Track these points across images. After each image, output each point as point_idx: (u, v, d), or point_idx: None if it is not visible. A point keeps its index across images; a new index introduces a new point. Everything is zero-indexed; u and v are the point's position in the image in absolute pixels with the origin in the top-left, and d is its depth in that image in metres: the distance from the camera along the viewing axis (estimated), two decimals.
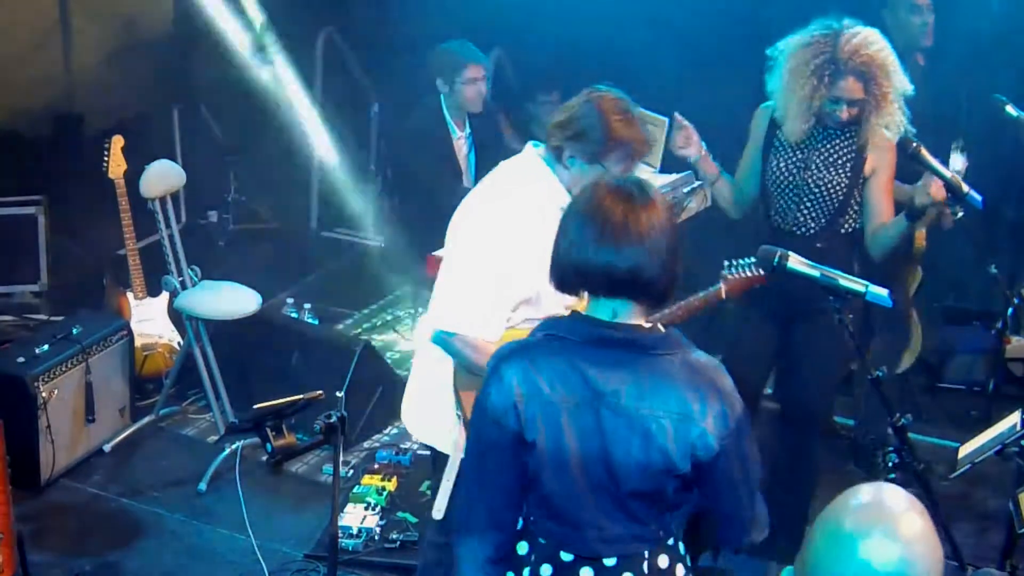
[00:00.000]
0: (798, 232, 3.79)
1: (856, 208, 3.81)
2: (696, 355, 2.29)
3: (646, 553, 2.33)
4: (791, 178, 3.76)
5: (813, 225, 3.81)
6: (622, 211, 2.22)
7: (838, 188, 3.76)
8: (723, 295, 3.48)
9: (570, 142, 3.05)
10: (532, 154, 3.20)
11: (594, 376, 2.25)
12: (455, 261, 3.14)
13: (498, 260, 3.00)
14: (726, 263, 3.47)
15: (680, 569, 2.39)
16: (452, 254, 3.17)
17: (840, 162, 3.75)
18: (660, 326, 2.32)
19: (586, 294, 2.34)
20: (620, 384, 2.24)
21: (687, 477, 2.26)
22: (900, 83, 3.64)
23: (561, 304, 2.91)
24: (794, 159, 3.77)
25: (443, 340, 3.06)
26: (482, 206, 3.17)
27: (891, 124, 3.66)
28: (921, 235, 4.65)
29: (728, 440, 2.24)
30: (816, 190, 3.76)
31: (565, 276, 2.31)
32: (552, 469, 2.29)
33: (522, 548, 2.40)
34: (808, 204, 3.77)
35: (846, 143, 3.76)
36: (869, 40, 3.60)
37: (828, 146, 3.75)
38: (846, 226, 3.83)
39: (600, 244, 2.22)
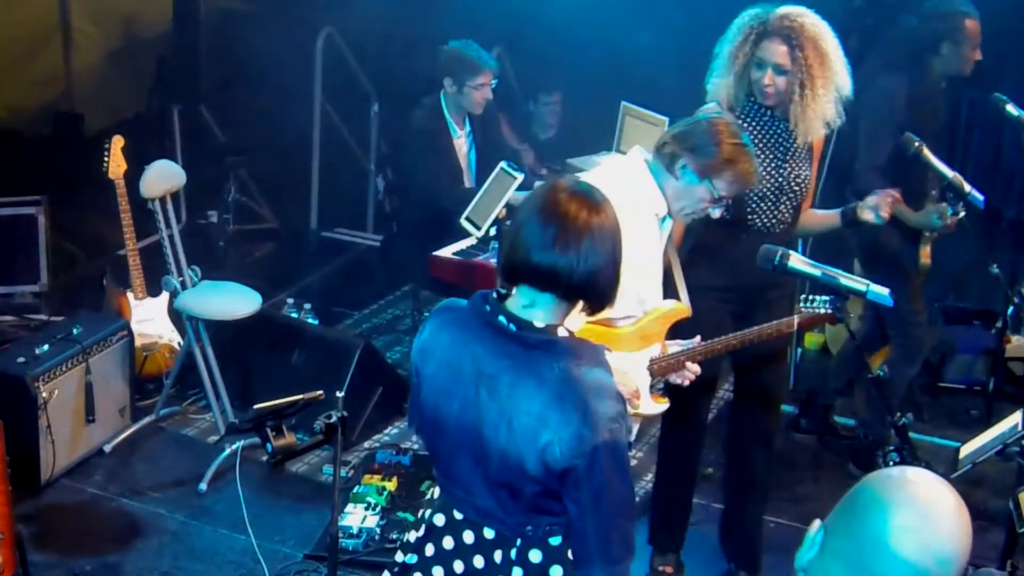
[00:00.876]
0: (777, 231, 3.74)
1: None
2: (586, 372, 2.25)
3: (518, 541, 2.36)
4: (770, 180, 3.71)
5: (789, 220, 3.79)
6: (581, 214, 2.24)
7: (806, 181, 3.76)
8: (794, 326, 3.49)
9: (686, 152, 3.18)
10: (638, 159, 3.27)
11: (481, 355, 2.31)
12: None
13: None
14: (802, 298, 3.46)
15: (557, 570, 2.37)
16: None
17: (803, 155, 3.73)
18: (564, 331, 2.32)
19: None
20: (500, 370, 2.28)
21: (545, 484, 2.25)
22: (838, 75, 3.57)
23: (634, 303, 3.12)
24: (769, 160, 3.71)
25: None
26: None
27: (825, 116, 3.61)
28: (926, 252, 4.65)
29: (579, 462, 2.20)
30: (795, 187, 3.73)
31: (511, 270, 2.31)
32: (432, 426, 2.40)
33: (436, 491, 2.52)
34: (786, 202, 3.74)
35: (799, 136, 3.72)
36: (802, 13, 3.58)
37: (790, 143, 3.70)
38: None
39: (554, 245, 2.23)
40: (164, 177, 5.05)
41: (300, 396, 3.67)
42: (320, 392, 3.73)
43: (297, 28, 7.23)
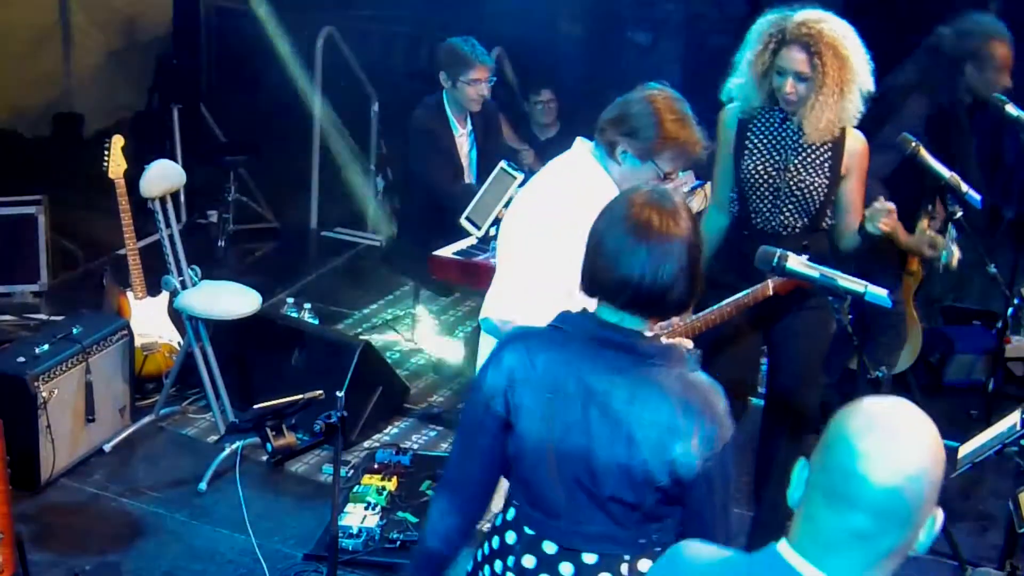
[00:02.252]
0: (784, 233, 3.74)
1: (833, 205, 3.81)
2: (695, 374, 2.27)
3: (627, 556, 2.31)
4: (769, 180, 3.71)
5: (798, 225, 3.77)
6: (659, 223, 2.22)
7: (818, 190, 3.72)
8: (770, 291, 3.49)
9: (624, 138, 3.11)
10: (582, 149, 3.24)
11: (589, 373, 2.26)
12: (508, 254, 3.19)
13: (550, 252, 3.03)
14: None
15: None
16: (505, 247, 3.21)
17: (818, 163, 3.70)
18: (663, 339, 2.33)
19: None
20: (612, 386, 2.24)
21: (668, 491, 2.24)
22: (859, 76, 3.58)
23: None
24: (771, 161, 3.71)
25: (495, 329, 3.11)
26: (534, 200, 3.20)
27: (845, 116, 3.61)
28: (915, 261, 4.65)
29: (712, 462, 2.21)
30: (797, 192, 3.71)
31: (594, 282, 2.30)
32: (531, 456, 2.31)
33: (510, 537, 2.40)
34: (790, 206, 3.72)
35: (823, 144, 3.71)
36: (821, 18, 3.58)
37: (806, 148, 3.70)
38: (827, 221, 3.82)
39: (635, 256, 2.22)
40: (164, 177, 5.05)
41: (300, 396, 3.67)
42: (320, 392, 3.73)
43: (297, 28, 7.24)
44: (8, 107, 6.87)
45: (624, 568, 2.31)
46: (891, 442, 1.65)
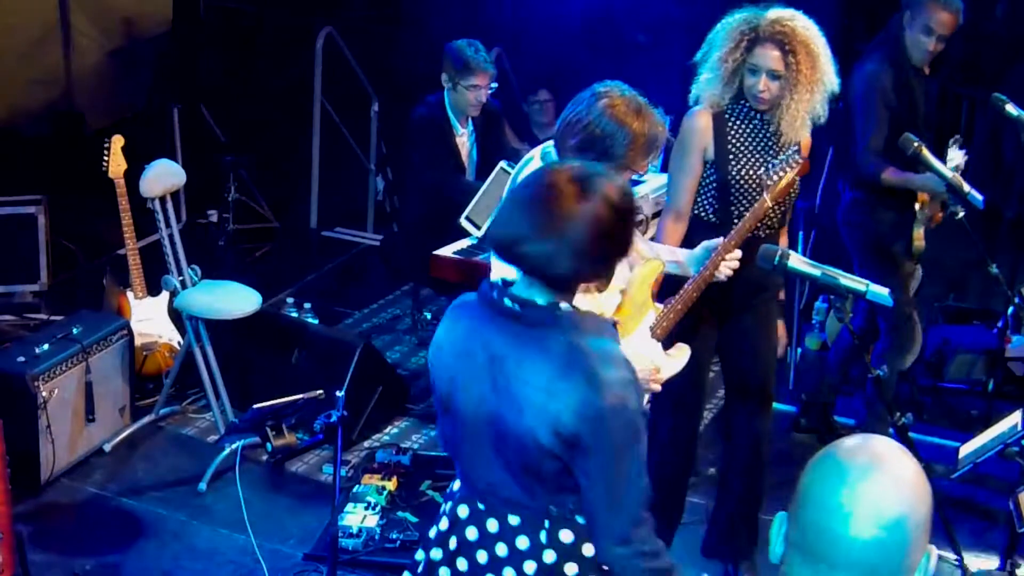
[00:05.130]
0: (763, 235, 3.70)
1: None
2: (591, 342, 2.25)
3: (546, 523, 2.34)
4: (757, 183, 3.67)
5: (775, 224, 3.78)
6: (568, 196, 2.22)
7: (796, 188, 3.73)
8: (768, 204, 3.49)
9: (598, 159, 3.02)
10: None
11: (491, 340, 2.31)
12: None
13: None
14: (766, 172, 3.50)
15: (588, 548, 2.35)
16: None
17: (792, 162, 3.71)
18: (567, 307, 2.30)
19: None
20: (507, 352, 2.28)
21: (563, 459, 2.25)
22: (827, 75, 3.58)
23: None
24: (758, 163, 3.69)
25: None
26: None
27: (812, 114, 3.62)
28: (919, 235, 4.65)
29: (585, 427, 2.20)
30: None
31: (490, 235, 2.35)
32: (458, 421, 2.38)
33: (455, 484, 2.51)
34: (773, 207, 3.72)
35: (792, 143, 3.66)
36: (793, 16, 3.58)
37: (783, 149, 3.67)
38: (788, 216, 3.85)
39: (528, 217, 2.23)
40: (164, 176, 5.05)
41: (300, 396, 3.67)
42: (320, 392, 3.73)
43: (297, 28, 7.25)
44: (8, 107, 6.87)
45: (543, 536, 2.34)
46: (864, 490, 1.54)
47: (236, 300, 4.94)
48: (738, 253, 3.38)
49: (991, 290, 5.50)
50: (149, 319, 5.24)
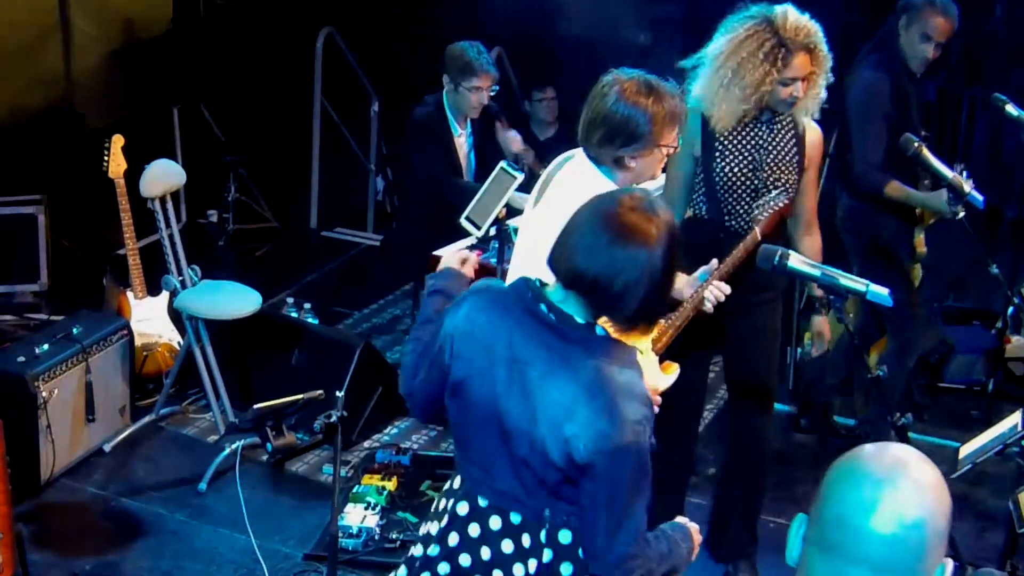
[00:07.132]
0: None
1: None
2: (619, 372, 2.27)
3: (547, 524, 2.37)
4: (747, 182, 3.66)
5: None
6: (636, 231, 2.23)
7: (792, 186, 3.69)
8: (759, 237, 3.48)
9: (626, 148, 3.08)
10: (585, 163, 3.19)
11: (518, 341, 2.31)
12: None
13: None
14: (756, 208, 3.52)
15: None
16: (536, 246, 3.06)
17: (788, 159, 3.69)
18: (602, 329, 2.31)
19: None
20: (533, 359, 2.29)
21: (567, 474, 2.28)
22: (826, 66, 3.59)
23: None
24: (746, 161, 3.66)
25: None
26: (555, 206, 3.08)
27: (814, 109, 3.64)
28: (920, 240, 4.65)
29: (600, 459, 2.23)
30: (773, 191, 3.65)
31: (555, 263, 2.33)
32: (466, 409, 2.39)
33: (456, 481, 2.50)
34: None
35: (788, 137, 3.70)
36: (806, 19, 3.56)
37: (774, 144, 3.67)
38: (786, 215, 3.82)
39: (600, 255, 2.24)
40: (164, 176, 5.05)
41: (300, 396, 3.67)
42: (320, 392, 3.73)
43: (297, 28, 7.24)
44: (8, 107, 6.86)
45: (543, 535, 2.37)
46: (889, 489, 1.57)
47: (236, 300, 4.94)
48: (726, 288, 3.37)
49: (991, 290, 5.50)
50: (149, 319, 5.24)
